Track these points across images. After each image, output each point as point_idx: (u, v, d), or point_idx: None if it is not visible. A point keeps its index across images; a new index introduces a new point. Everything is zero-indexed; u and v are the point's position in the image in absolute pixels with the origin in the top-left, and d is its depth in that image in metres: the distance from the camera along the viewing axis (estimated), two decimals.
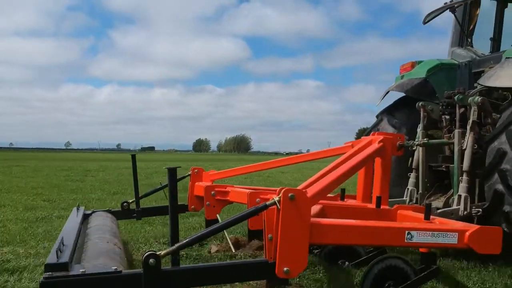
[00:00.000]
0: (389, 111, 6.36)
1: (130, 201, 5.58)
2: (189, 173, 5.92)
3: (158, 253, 2.53)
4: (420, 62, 6.28)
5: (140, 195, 5.49)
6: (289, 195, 2.79)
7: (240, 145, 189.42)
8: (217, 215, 5.20)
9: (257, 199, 4.31)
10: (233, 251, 4.35)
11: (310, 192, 3.09)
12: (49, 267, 2.52)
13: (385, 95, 6.36)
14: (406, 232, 3.11)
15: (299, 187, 3.42)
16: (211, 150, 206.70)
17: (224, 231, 3.23)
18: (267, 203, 2.83)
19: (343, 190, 4.86)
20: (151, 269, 2.53)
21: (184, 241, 2.71)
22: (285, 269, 2.77)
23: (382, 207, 4.18)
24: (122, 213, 5.46)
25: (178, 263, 2.75)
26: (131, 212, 5.51)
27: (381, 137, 4.43)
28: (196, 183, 5.81)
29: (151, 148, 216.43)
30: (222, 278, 2.91)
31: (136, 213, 5.47)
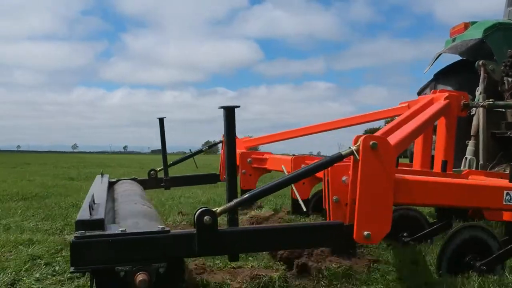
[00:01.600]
0: (441, 76, 5.85)
1: (158, 169, 5.16)
2: (222, 139, 5.43)
3: (213, 209, 2.13)
4: (474, 23, 5.75)
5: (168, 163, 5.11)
6: (371, 143, 2.28)
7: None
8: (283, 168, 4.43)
9: (302, 165, 3.85)
10: (304, 209, 3.74)
11: (392, 141, 2.52)
12: (81, 224, 2.12)
13: (436, 59, 5.89)
14: (505, 192, 2.62)
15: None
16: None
17: (293, 185, 2.77)
18: (343, 152, 2.33)
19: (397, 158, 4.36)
20: (206, 229, 2.13)
21: (244, 197, 2.24)
22: (365, 233, 2.28)
23: (447, 172, 3.68)
24: (150, 182, 5.02)
25: (237, 223, 2.29)
26: (159, 181, 5.11)
27: (445, 94, 3.95)
28: None
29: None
30: (288, 242, 2.42)
31: (165, 182, 5.08)
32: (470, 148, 5.05)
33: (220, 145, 5.62)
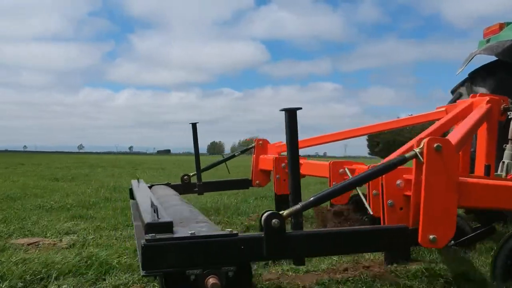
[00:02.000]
0: (477, 77, 5.67)
1: (191, 174, 5.15)
2: (253, 145, 5.42)
3: (280, 213, 2.13)
4: (509, 23, 5.67)
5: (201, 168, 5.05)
6: (435, 145, 2.26)
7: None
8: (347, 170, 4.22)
9: (341, 170, 3.90)
10: (371, 212, 3.68)
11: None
12: (150, 227, 2.12)
13: (470, 60, 5.74)
14: None
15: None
16: (225, 153, 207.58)
17: (357, 189, 2.78)
18: (406, 155, 2.30)
19: None
20: (274, 232, 2.11)
21: (309, 200, 2.21)
22: (431, 237, 2.25)
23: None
24: (183, 187, 5.05)
25: (301, 226, 2.24)
26: (192, 186, 5.10)
27: (486, 98, 3.89)
28: (261, 156, 5.31)
29: (167, 151, 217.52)
30: (354, 246, 2.39)
31: (198, 187, 5.05)
32: (508, 152, 4.99)
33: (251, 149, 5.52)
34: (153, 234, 2.05)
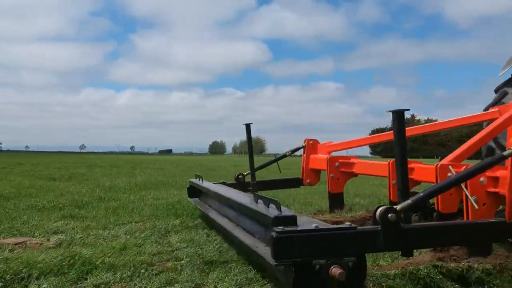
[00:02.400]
0: None
1: (245, 173, 5.38)
2: (303, 144, 5.58)
3: (395, 207, 2.36)
4: None
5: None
6: None
7: (254, 148, 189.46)
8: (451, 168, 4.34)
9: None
10: (476, 207, 3.47)
11: None
12: (278, 220, 2.39)
13: None
14: None
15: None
16: (226, 153, 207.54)
17: (462, 185, 3.03)
18: (505, 153, 2.60)
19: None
20: (391, 225, 2.33)
21: (420, 195, 2.46)
22: None
23: None
24: (237, 186, 5.23)
25: (410, 220, 2.50)
26: (246, 185, 5.27)
27: None
28: (312, 156, 5.48)
29: (169, 151, 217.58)
30: (459, 239, 2.66)
31: (252, 186, 5.10)
32: None
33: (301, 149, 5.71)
34: (282, 227, 2.24)
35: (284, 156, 5.90)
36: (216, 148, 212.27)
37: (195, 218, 5.36)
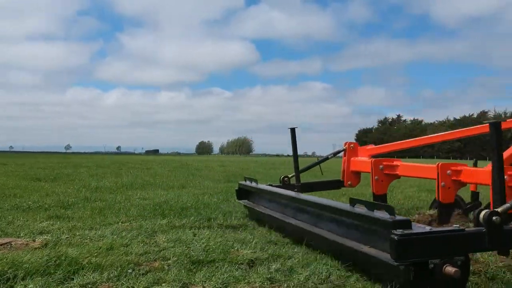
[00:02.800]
0: None
1: (290, 175, 5.53)
2: (344, 147, 5.76)
3: (497, 210, 2.59)
4: None
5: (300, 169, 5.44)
6: None
7: (242, 148, 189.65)
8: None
9: (448, 171, 4.34)
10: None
11: None
12: (396, 224, 2.55)
13: None
14: None
15: None
16: (213, 153, 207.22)
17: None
18: None
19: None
20: (495, 227, 2.57)
21: None
22: None
23: None
24: (283, 188, 5.29)
25: (508, 222, 2.73)
26: (291, 186, 5.38)
27: None
28: (353, 158, 5.67)
29: (156, 151, 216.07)
30: None
31: (297, 187, 5.29)
32: None
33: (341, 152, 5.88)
34: (401, 230, 2.45)
35: (327, 158, 6.05)
36: (203, 148, 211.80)
37: (182, 218, 5.36)
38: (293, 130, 5.37)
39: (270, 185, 5.41)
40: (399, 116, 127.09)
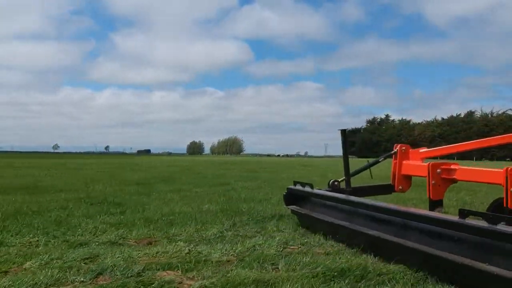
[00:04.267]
0: None
1: (340, 180, 5.27)
2: (395, 150, 5.47)
3: None
4: None
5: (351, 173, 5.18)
6: None
7: (232, 147, 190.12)
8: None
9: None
10: None
11: None
12: None
13: None
14: None
15: None
16: (204, 153, 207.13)
17: None
18: None
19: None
20: None
21: None
22: None
23: None
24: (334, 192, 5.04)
25: None
26: (341, 191, 5.11)
27: None
28: (405, 162, 5.40)
29: (147, 151, 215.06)
30: None
31: (347, 192, 5.06)
32: None
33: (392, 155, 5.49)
34: None
35: (377, 162, 5.75)
36: (194, 149, 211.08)
37: None
38: (343, 132, 5.11)
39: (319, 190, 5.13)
40: (387, 116, 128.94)
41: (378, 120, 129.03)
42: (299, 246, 4.07)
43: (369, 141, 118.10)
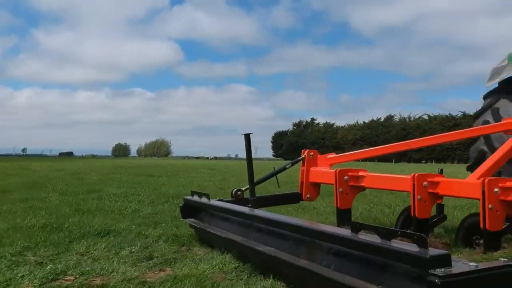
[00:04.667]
0: (508, 90, 5.54)
1: (243, 188, 4.86)
2: (302, 156, 5.12)
3: None
4: None
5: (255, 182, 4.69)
6: None
7: (160, 150, 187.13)
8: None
9: (424, 183, 3.93)
10: None
11: None
12: (433, 261, 2.00)
13: (504, 76, 5.61)
14: None
15: None
16: (131, 155, 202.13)
17: None
18: None
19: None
20: None
21: None
22: None
23: None
24: (237, 203, 4.64)
25: None
26: (245, 201, 4.71)
27: None
28: (312, 168, 5.04)
29: (70, 153, 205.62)
30: None
31: (251, 202, 4.62)
32: None
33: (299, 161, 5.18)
34: (441, 269, 1.93)
35: (284, 169, 5.36)
36: (120, 151, 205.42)
37: None
38: (247, 136, 4.65)
39: (220, 200, 4.79)
40: (313, 119, 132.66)
41: (304, 123, 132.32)
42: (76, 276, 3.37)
43: (295, 144, 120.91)
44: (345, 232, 2.69)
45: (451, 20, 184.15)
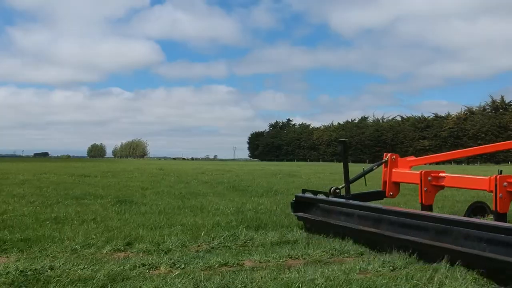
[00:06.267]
0: None
1: (340, 186, 5.60)
2: (385, 159, 5.94)
3: None
4: None
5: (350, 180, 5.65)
6: None
7: (136, 150, 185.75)
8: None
9: (504, 183, 4.65)
10: None
11: None
12: None
13: None
14: None
15: None
16: (106, 156, 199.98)
17: None
18: None
19: None
20: None
21: None
22: None
23: None
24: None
25: None
26: (342, 198, 5.46)
27: None
28: (394, 169, 5.86)
29: (45, 154, 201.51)
30: None
31: (348, 199, 5.42)
32: None
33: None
34: None
35: (371, 169, 6.11)
36: (96, 152, 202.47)
37: None
38: (344, 143, 5.53)
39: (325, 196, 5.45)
40: (289, 120, 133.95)
41: (280, 124, 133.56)
42: None
43: (271, 144, 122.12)
44: (495, 223, 3.84)
45: (428, 22, 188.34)
